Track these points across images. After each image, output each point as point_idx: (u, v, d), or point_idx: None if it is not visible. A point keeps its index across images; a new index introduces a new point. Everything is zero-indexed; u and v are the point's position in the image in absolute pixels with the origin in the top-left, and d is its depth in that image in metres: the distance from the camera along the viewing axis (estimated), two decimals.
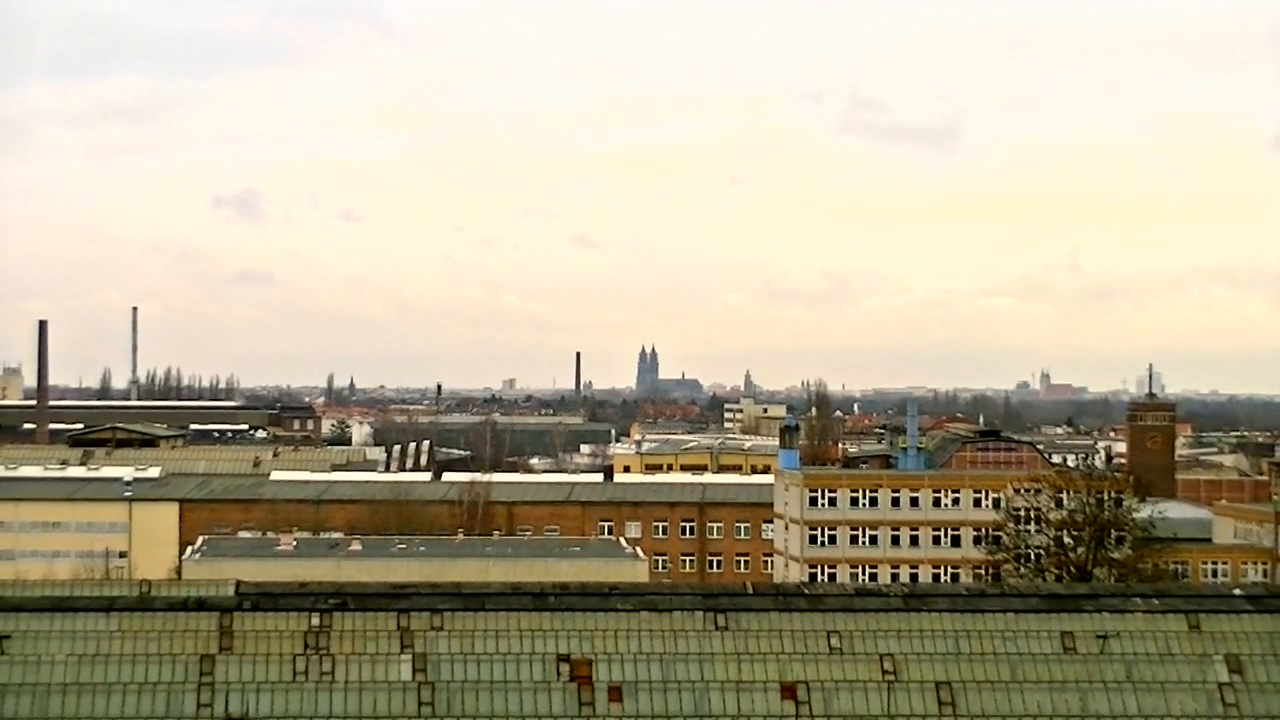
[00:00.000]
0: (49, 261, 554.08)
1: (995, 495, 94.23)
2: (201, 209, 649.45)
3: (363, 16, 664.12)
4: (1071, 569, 74.27)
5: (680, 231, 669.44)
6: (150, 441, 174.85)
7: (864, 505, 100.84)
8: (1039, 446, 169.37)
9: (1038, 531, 79.51)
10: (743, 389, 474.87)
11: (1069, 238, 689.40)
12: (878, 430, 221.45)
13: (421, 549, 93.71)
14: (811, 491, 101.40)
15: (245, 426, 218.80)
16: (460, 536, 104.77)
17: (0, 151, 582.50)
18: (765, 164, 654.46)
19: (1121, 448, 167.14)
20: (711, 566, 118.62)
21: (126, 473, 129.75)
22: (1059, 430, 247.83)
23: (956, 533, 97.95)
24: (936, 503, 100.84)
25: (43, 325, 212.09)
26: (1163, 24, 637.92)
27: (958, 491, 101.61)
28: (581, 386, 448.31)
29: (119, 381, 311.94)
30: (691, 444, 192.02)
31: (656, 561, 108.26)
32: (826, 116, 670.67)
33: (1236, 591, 49.47)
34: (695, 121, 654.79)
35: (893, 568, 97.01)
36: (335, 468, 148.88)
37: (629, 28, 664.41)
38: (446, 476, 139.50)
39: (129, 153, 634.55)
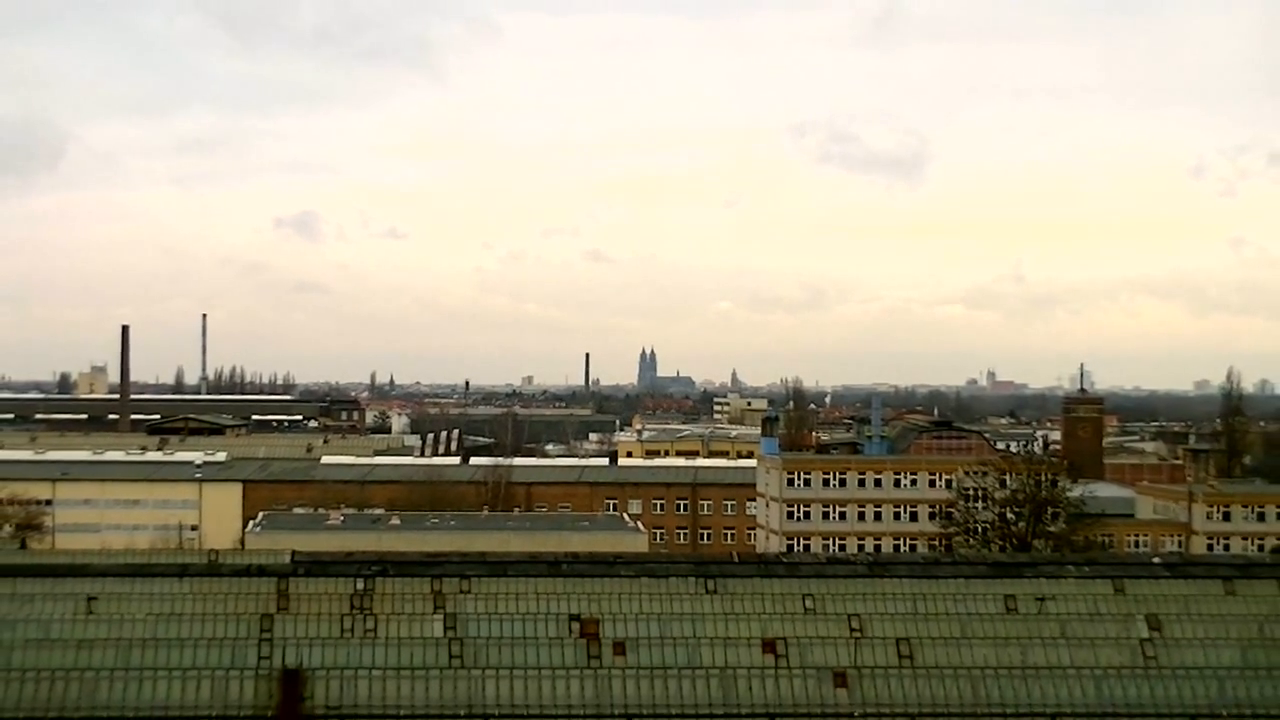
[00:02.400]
0: (133, 273, 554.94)
1: (948, 477, 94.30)
2: (265, 228, 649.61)
3: (411, 60, 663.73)
4: (1013, 540, 74.30)
5: (680, 247, 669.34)
6: (218, 430, 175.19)
7: (835, 486, 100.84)
8: (986, 435, 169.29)
9: (984, 508, 79.53)
10: (730, 385, 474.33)
11: (1015, 253, 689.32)
12: (846, 421, 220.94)
13: (452, 523, 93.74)
14: (789, 474, 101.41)
15: (300, 417, 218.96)
16: (485, 512, 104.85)
17: (95, 179, 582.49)
18: (755, 189, 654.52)
19: (1057, 436, 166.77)
20: (702, 538, 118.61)
21: (197, 457, 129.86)
22: (1003, 421, 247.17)
23: (914, 510, 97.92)
24: (897, 484, 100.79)
25: (125, 329, 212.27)
26: (1097, 69, 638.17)
27: (915, 474, 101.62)
28: (590, 383, 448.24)
29: (191, 378, 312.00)
30: (685, 433, 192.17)
31: (655, 534, 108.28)
32: (808, 148, 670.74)
33: (1155, 560, 49.49)
34: (695, 151, 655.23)
35: (859, 540, 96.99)
36: (377, 453, 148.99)
37: (637, 71, 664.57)
38: (473, 460, 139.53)
39: (204, 180, 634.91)
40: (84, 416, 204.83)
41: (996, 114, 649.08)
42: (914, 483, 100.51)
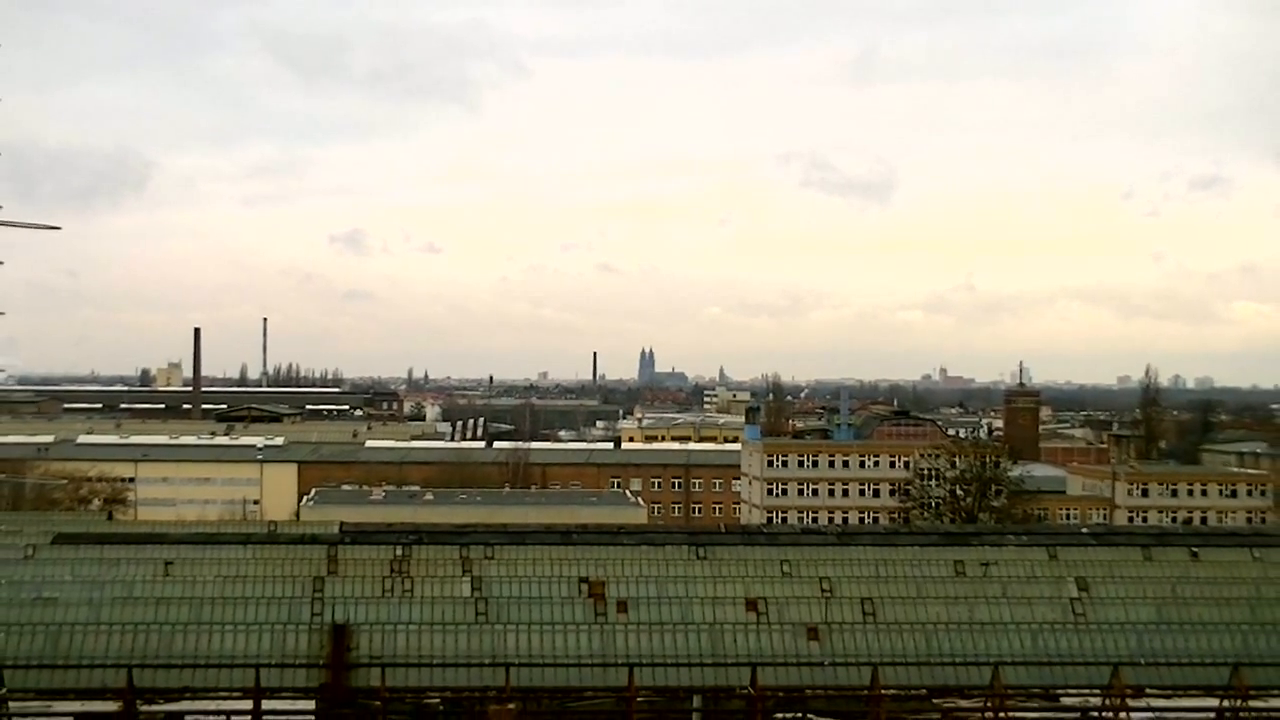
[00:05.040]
0: (205, 282, 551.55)
1: (905, 459, 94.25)
2: (320, 243, 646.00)
3: (450, 96, 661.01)
4: (962, 514, 74.29)
5: (678, 260, 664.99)
6: (276, 418, 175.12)
7: (808, 466, 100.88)
8: (938, 423, 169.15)
9: (937, 486, 79.48)
10: (718, 379, 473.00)
11: (967, 266, 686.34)
12: (819, 411, 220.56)
13: (478, 498, 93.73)
14: (769, 456, 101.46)
15: (347, 407, 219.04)
16: (506, 489, 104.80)
17: (175, 201, 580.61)
18: (744, 209, 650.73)
19: (1000, 424, 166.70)
20: (694, 512, 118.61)
21: (259, 441, 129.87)
22: (953, 411, 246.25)
23: (877, 487, 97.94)
24: (862, 465, 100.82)
25: (197, 331, 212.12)
26: (1041, 107, 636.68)
27: (878, 457, 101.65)
28: (597, 378, 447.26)
29: (253, 373, 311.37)
30: (679, 421, 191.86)
31: (653, 508, 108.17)
32: (791, 174, 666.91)
33: (1084, 530, 49.61)
34: (693, 177, 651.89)
35: (829, 513, 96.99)
36: (414, 438, 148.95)
37: (644, 107, 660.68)
38: (496, 445, 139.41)
39: (267, 201, 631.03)
40: (162, 406, 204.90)
41: (955, 145, 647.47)
42: (876, 464, 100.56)
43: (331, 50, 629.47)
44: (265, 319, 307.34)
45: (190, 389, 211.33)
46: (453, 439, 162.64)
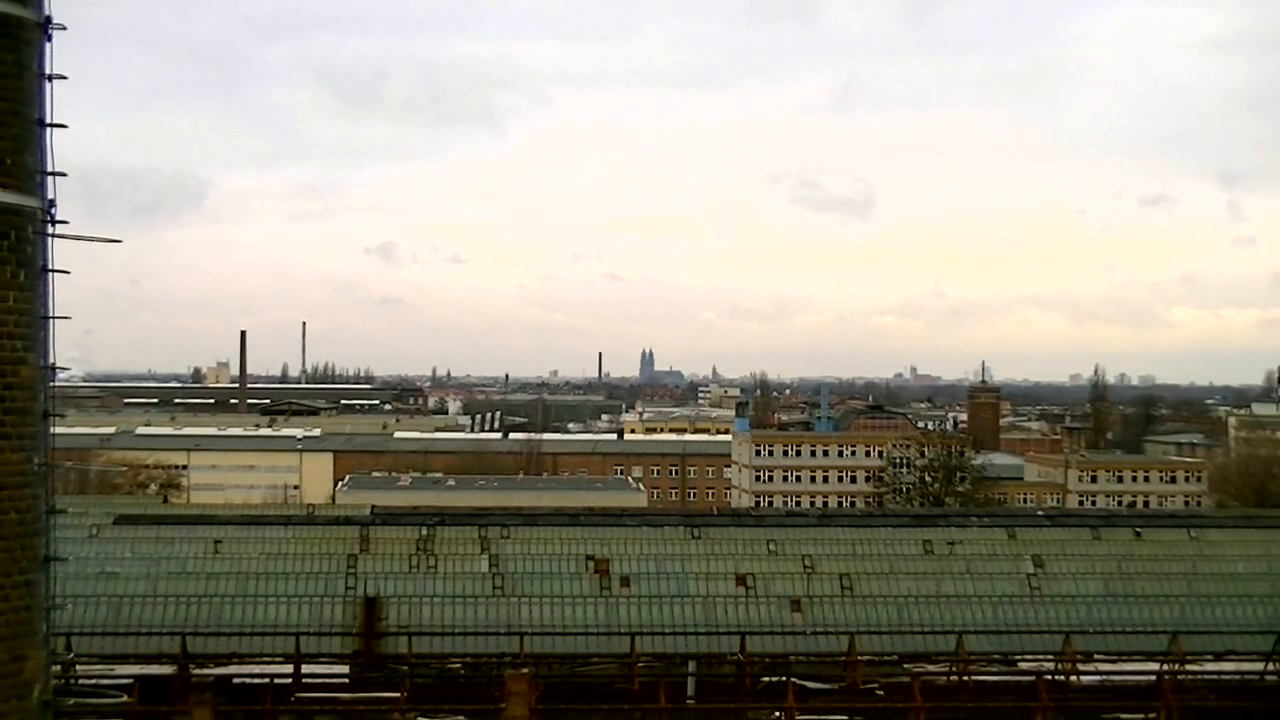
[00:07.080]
0: (252, 290, 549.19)
1: (879, 449, 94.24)
2: (356, 255, 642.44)
3: (478, 122, 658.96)
4: (930, 498, 74.36)
5: (677, 269, 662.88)
6: (314, 411, 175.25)
7: (792, 455, 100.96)
8: (909, 417, 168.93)
9: (907, 473, 79.55)
10: (711, 377, 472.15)
11: (936, 274, 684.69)
12: (802, 405, 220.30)
13: (495, 484, 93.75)
14: (757, 446, 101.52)
15: (377, 402, 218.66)
16: (521, 476, 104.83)
17: (228, 217, 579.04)
18: (738, 224, 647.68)
19: (964, 417, 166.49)
20: (689, 496, 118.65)
21: (298, 432, 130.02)
22: (922, 405, 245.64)
23: (854, 474, 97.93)
24: (840, 454, 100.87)
25: (243, 334, 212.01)
26: (1004, 132, 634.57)
27: (855, 447, 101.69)
28: (602, 375, 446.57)
29: (293, 371, 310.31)
30: (676, 415, 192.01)
31: (652, 493, 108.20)
32: (781, 192, 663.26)
33: (1039, 513, 49.64)
34: (692, 195, 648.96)
35: (811, 497, 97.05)
36: (437, 429, 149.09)
37: (650, 130, 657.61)
38: (512, 436, 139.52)
39: (310, 218, 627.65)
40: (211, 401, 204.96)
41: (928, 166, 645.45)
42: (853, 453, 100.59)
43: (372, 81, 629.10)
44: (305, 323, 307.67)
45: (237, 385, 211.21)
46: (472, 431, 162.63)
